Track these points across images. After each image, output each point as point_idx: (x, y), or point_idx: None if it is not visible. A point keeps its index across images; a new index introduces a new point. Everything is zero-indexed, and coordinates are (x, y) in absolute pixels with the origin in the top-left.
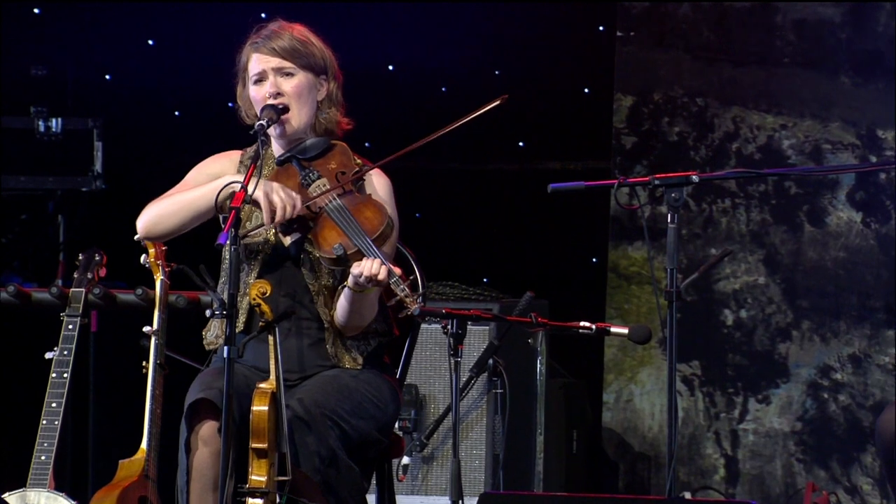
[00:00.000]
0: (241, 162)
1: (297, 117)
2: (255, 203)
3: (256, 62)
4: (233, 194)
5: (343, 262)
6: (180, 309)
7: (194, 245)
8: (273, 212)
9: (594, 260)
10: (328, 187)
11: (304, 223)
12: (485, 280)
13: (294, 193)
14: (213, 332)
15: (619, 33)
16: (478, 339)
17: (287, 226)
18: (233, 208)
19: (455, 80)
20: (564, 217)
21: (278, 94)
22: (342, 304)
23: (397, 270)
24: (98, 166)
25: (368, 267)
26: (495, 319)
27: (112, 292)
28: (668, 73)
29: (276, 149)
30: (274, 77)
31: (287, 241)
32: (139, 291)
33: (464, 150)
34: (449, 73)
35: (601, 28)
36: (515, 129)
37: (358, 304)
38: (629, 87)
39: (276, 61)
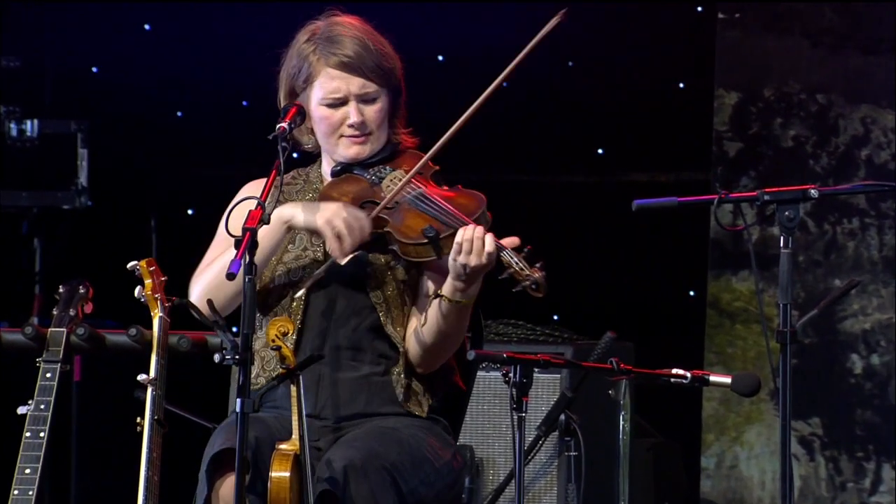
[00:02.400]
0: (277, 188)
1: (377, 142)
2: (311, 232)
3: (332, 80)
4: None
5: (435, 245)
6: (183, 353)
7: None
8: (341, 241)
9: (690, 293)
10: (406, 179)
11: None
12: (555, 318)
13: (359, 212)
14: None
15: (721, 15)
16: (547, 389)
17: None
18: (247, 229)
19: (518, 73)
20: (653, 241)
21: (362, 124)
22: (431, 319)
23: (507, 242)
24: (82, 179)
25: (470, 232)
26: (568, 366)
27: (100, 332)
28: (782, 63)
29: (327, 167)
30: (356, 104)
31: (343, 260)
32: (133, 331)
33: (530, 159)
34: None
35: (699, 8)
36: (593, 133)
37: (453, 319)
38: (733, 82)
39: (358, 83)
